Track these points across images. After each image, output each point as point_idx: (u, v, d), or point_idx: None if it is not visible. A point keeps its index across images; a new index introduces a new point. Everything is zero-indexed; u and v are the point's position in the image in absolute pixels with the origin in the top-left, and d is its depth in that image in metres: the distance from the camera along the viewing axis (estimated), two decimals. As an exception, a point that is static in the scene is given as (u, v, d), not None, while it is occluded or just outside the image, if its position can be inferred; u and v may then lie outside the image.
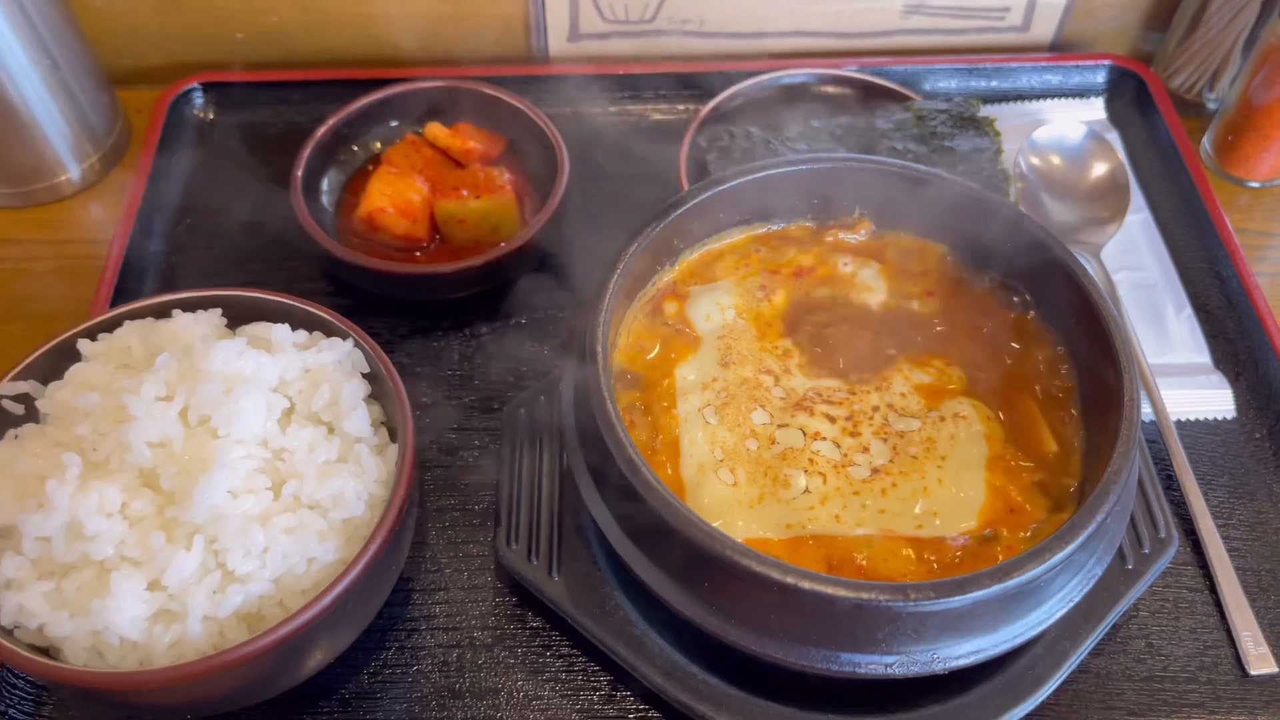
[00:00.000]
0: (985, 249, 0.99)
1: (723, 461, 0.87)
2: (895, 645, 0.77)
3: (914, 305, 0.99)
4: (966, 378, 0.94)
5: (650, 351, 0.95)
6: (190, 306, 0.94)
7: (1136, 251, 1.24)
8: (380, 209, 1.15)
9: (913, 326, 0.97)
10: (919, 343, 0.96)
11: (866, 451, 0.88)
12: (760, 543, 0.83)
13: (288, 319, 0.93)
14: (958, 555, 0.83)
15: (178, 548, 0.78)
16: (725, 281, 1.00)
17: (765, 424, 0.90)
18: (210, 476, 0.79)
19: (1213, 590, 0.98)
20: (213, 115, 1.38)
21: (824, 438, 0.88)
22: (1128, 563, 0.93)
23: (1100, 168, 1.25)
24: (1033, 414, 0.91)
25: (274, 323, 0.92)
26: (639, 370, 0.94)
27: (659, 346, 0.95)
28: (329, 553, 0.82)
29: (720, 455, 0.88)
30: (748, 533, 0.84)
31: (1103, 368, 0.88)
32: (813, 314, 0.98)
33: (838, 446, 0.88)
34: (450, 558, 1.00)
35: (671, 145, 1.23)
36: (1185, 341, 1.16)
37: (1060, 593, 0.81)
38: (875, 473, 0.87)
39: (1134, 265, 1.22)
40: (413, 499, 0.87)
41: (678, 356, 0.95)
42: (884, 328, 0.97)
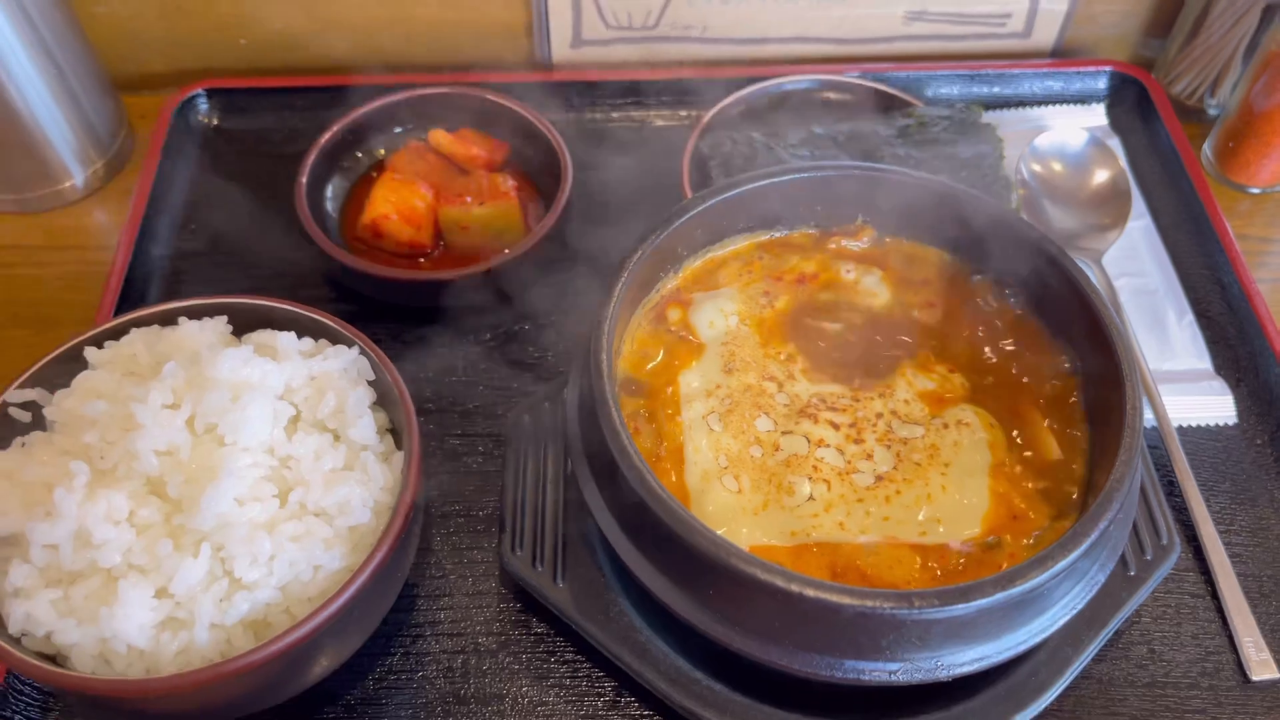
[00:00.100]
0: (987, 256, 0.99)
1: (727, 468, 0.87)
2: (899, 652, 0.77)
3: (916, 312, 0.99)
4: (969, 384, 0.94)
5: (654, 358, 0.95)
6: (196, 314, 0.94)
7: (1138, 258, 1.24)
8: (384, 215, 1.16)
9: (915, 333, 0.97)
10: (922, 349, 0.96)
11: (870, 458, 0.88)
12: (765, 550, 0.83)
13: (293, 326, 0.93)
14: (961, 562, 0.83)
15: (185, 555, 0.78)
16: (728, 288, 1.00)
17: (769, 431, 0.90)
18: (217, 484, 0.79)
19: (1214, 596, 0.98)
20: (217, 121, 1.39)
21: (828, 445, 0.88)
22: (1130, 569, 0.93)
23: (1102, 174, 1.25)
24: (1035, 420, 0.91)
25: (279, 330, 0.92)
26: (643, 377, 0.94)
27: (663, 353, 0.96)
28: (335, 560, 0.82)
29: (724, 462, 0.88)
30: (752, 540, 0.84)
31: (1104, 374, 0.88)
32: (816, 320, 0.98)
33: (841, 453, 0.88)
34: (455, 564, 1.00)
35: (674, 151, 1.23)
36: (1187, 348, 1.16)
37: (1064, 600, 0.81)
38: (879, 480, 0.87)
39: (1135, 271, 1.22)
40: (418, 506, 0.87)
41: (681, 363, 0.95)
42: (887, 334, 0.97)
